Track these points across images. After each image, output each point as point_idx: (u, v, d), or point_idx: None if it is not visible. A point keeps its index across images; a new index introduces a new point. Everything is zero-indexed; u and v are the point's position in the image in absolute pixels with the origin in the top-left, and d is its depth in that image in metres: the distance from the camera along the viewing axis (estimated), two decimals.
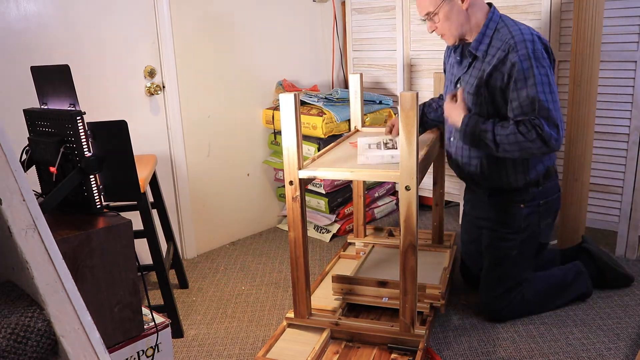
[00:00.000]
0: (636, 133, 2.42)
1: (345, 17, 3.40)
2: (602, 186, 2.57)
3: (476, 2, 1.91)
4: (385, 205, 3.33)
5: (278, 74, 3.16)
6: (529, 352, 1.90)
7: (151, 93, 2.57)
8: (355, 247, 2.57)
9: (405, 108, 1.59)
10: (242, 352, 2.00)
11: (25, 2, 2.13)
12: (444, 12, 1.89)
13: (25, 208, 1.04)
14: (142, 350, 1.49)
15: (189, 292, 2.49)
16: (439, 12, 1.90)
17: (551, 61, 1.85)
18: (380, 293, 1.99)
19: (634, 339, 1.95)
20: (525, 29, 1.84)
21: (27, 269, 1.03)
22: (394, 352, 1.79)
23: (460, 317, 2.16)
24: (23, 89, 1.94)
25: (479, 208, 2.15)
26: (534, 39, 1.81)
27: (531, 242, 2.06)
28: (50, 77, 1.47)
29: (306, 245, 1.86)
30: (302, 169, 1.78)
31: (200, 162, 2.84)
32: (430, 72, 3.04)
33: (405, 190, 1.66)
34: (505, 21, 1.89)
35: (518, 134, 1.78)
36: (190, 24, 2.67)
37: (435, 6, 1.89)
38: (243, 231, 3.13)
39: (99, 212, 1.43)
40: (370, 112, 3.06)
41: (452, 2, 1.88)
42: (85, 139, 1.37)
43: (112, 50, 2.41)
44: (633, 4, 2.33)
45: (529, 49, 1.78)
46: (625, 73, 2.41)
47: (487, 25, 1.89)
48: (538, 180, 2.00)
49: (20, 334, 1.01)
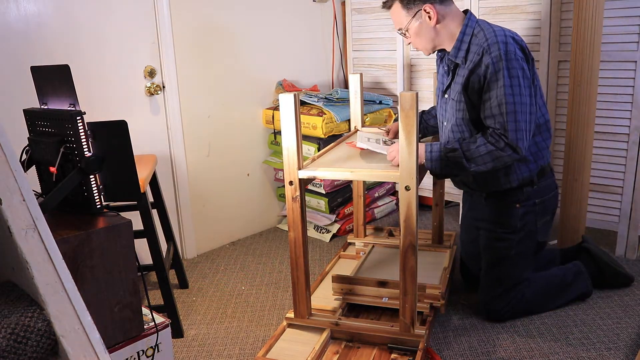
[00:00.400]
0: (636, 133, 2.42)
1: (345, 17, 3.40)
2: (602, 186, 2.57)
3: (447, 14, 1.91)
4: (385, 205, 3.33)
5: (278, 74, 3.16)
6: (529, 352, 1.90)
7: (151, 93, 2.57)
8: (355, 247, 2.57)
9: (405, 108, 1.59)
10: (242, 352, 2.00)
11: (25, 2, 2.13)
12: (413, 29, 1.93)
13: (25, 208, 1.04)
14: (142, 350, 1.49)
15: (189, 292, 2.49)
16: (409, 29, 1.94)
17: (528, 61, 1.85)
18: (380, 293, 1.99)
19: (634, 339, 1.95)
20: (499, 31, 1.85)
21: (27, 269, 1.03)
22: (394, 352, 1.79)
23: (460, 317, 2.16)
24: (23, 89, 1.94)
25: (476, 209, 2.16)
26: (507, 40, 1.81)
27: (529, 242, 2.06)
28: (50, 77, 1.47)
29: (306, 245, 1.86)
30: (302, 169, 1.78)
31: (200, 162, 2.84)
32: (430, 72, 3.04)
33: (405, 190, 1.66)
34: (481, 25, 1.89)
35: (488, 144, 1.79)
36: (191, 24, 2.67)
37: (405, 23, 1.93)
38: (243, 231, 3.13)
39: (99, 212, 1.43)
40: (370, 112, 3.06)
41: (420, 19, 1.90)
42: (85, 139, 1.37)
43: (112, 50, 2.41)
44: (633, 4, 2.33)
45: (501, 50, 1.78)
46: (625, 73, 2.41)
47: (463, 32, 1.90)
48: (532, 179, 2.00)
49: (20, 334, 1.02)
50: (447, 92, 2.00)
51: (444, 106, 2.04)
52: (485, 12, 2.75)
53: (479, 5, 2.76)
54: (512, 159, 1.82)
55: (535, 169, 1.99)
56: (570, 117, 2.43)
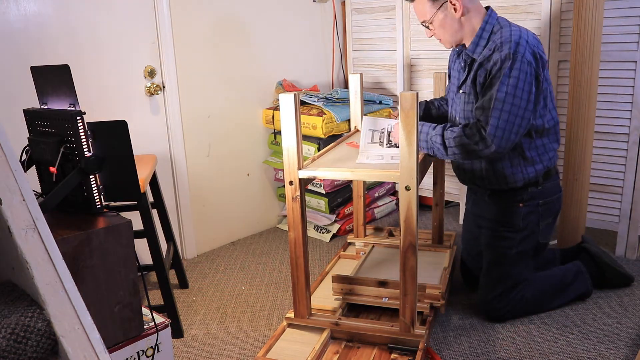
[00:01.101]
0: (636, 133, 2.42)
1: (345, 17, 3.40)
2: (602, 186, 2.57)
3: (471, 8, 1.93)
4: (385, 205, 3.33)
5: (278, 74, 3.16)
6: (529, 352, 1.90)
7: (151, 93, 2.57)
8: (355, 247, 2.57)
9: (405, 108, 1.58)
10: (242, 352, 2.00)
11: (25, 2, 2.13)
12: (438, 21, 1.94)
13: (25, 208, 1.04)
14: (142, 350, 1.49)
15: (189, 292, 2.49)
16: (433, 21, 1.95)
17: (538, 65, 1.84)
18: (380, 293, 1.99)
19: (634, 339, 1.95)
20: (516, 31, 1.85)
21: (27, 269, 1.03)
22: (394, 352, 1.79)
23: (460, 317, 2.16)
24: (23, 89, 1.94)
25: (480, 206, 2.16)
26: (520, 42, 1.81)
27: (530, 242, 2.06)
28: (50, 77, 1.47)
29: (306, 245, 1.86)
30: (302, 169, 1.78)
31: (200, 162, 2.84)
32: (430, 72, 3.04)
33: (405, 190, 1.66)
34: (501, 23, 1.92)
35: (463, 137, 1.82)
36: (190, 24, 2.67)
37: (430, 15, 1.95)
38: (243, 231, 3.13)
39: (99, 212, 1.43)
40: (370, 112, 3.05)
41: (445, 10, 1.92)
42: (85, 139, 1.37)
43: (112, 50, 2.41)
44: (633, 4, 2.33)
45: (511, 50, 1.79)
46: (625, 73, 2.41)
47: (483, 29, 1.92)
48: (537, 180, 2.00)
49: (20, 334, 1.02)
50: (463, 88, 2.00)
51: (457, 101, 2.04)
52: None
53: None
54: (484, 154, 1.83)
55: (540, 170, 1.99)
56: (570, 117, 2.43)
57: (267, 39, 3.05)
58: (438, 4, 1.92)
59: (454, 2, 1.89)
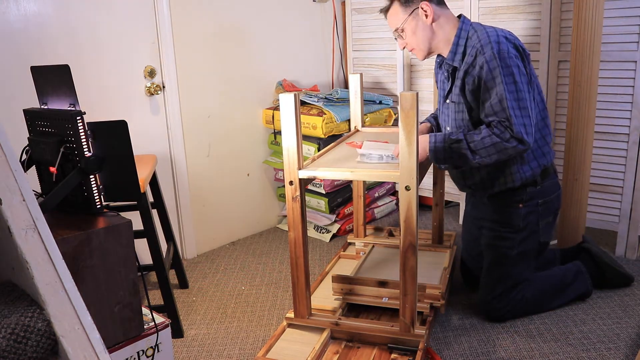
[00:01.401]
0: (636, 133, 2.42)
1: (345, 17, 3.40)
2: (602, 186, 2.57)
3: (442, 15, 1.95)
4: (385, 205, 3.33)
5: (278, 74, 3.16)
6: (529, 352, 1.90)
7: (151, 93, 2.57)
8: (355, 247, 2.57)
9: (405, 108, 1.58)
10: (242, 352, 2.00)
11: (25, 2, 2.13)
12: (410, 28, 1.96)
13: (25, 208, 1.04)
14: (142, 350, 1.49)
15: (189, 292, 2.49)
16: (405, 28, 1.97)
17: (523, 58, 1.86)
18: (380, 293, 1.99)
19: (634, 339, 1.95)
20: (492, 32, 1.87)
21: (27, 269, 1.03)
22: (394, 352, 1.79)
23: (460, 317, 2.16)
24: (23, 89, 1.94)
25: (479, 208, 2.16)
26: (500, 40, 1.83)
27: (531, 242, 2.06)
28: (50, 77, 1.47)
29: (306, 245, 1.86)
30: (302, 169, 1.78)
31: (200, 162, 2.84)
32: (430, 72, 3.04)
33: (405, 190, 1.66)
34: (475, 27, 1.93)
35: (493, 136, 1.80)
36: (190, 24, 2.67)
37: (402, 22, 1.96)
38: (243, 231, 3.13)
39: (99, 212, 1.43)
40: (370, 112, 3.06)
41: (417, 17, 1.94)
42: (85, 139, 1.37)
43: (112, 50, 2.41)
44: (633, 4, 2.33)
45: (494, 49, 1.81)
46: (625, 73, 2.41)
47: (458, 36, 1.93)
48: (535, 179, 2.00)
49: (20, 334, 1.02)
50: (449, 97, 2.01)
51: (445, 112, 2.05)
52: (485, 12, 2.75)
53: (479, 5, 2.76)
54: (517, 151, 1.82)
55: (537, 168, 1.99)
56: (570, 117, 2.43)
57: (267, 39, 3.05)
58: (409, 9, 1.94)
59: (425, 9, 1.91)
